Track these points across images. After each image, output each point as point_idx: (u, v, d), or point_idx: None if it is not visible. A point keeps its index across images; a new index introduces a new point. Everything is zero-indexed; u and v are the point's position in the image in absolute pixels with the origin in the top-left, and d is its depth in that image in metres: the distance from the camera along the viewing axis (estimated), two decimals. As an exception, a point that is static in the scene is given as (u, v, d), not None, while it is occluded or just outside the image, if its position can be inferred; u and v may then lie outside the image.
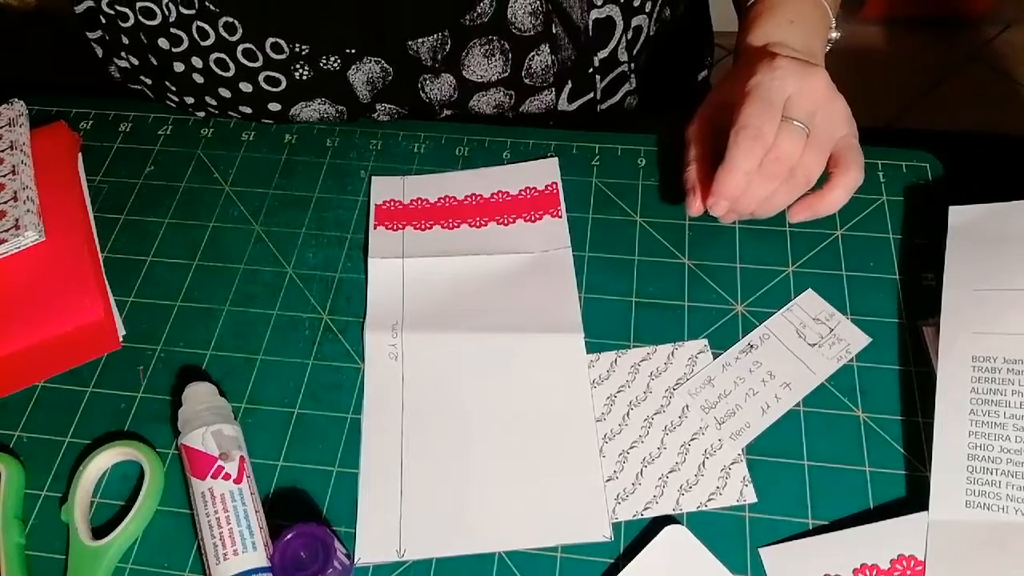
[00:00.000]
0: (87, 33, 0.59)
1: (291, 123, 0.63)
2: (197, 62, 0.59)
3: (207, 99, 0.61)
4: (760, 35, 0.54)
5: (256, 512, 0.45)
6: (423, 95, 0.62)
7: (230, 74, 0.59)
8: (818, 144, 0.49)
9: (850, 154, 0.50)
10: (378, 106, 0.62)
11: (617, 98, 0.67)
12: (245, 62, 0.58)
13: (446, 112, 0.64)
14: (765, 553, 0.44)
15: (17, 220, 0.56)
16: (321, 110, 0.62)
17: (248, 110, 0.62)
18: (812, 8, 0.55)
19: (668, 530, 0.44)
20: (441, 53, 0.58)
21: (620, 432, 0.48)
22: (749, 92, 0.49)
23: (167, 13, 0.56)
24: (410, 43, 0.58)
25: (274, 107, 0.61)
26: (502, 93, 0.62)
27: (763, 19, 0.55)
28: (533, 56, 0.59)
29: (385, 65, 0.59)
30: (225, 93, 0.61)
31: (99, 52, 0.61)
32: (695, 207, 0.52)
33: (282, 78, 0.59)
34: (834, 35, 0.57)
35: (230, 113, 0.63)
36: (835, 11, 0.57)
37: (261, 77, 0.59)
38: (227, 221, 0.59)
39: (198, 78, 0.59)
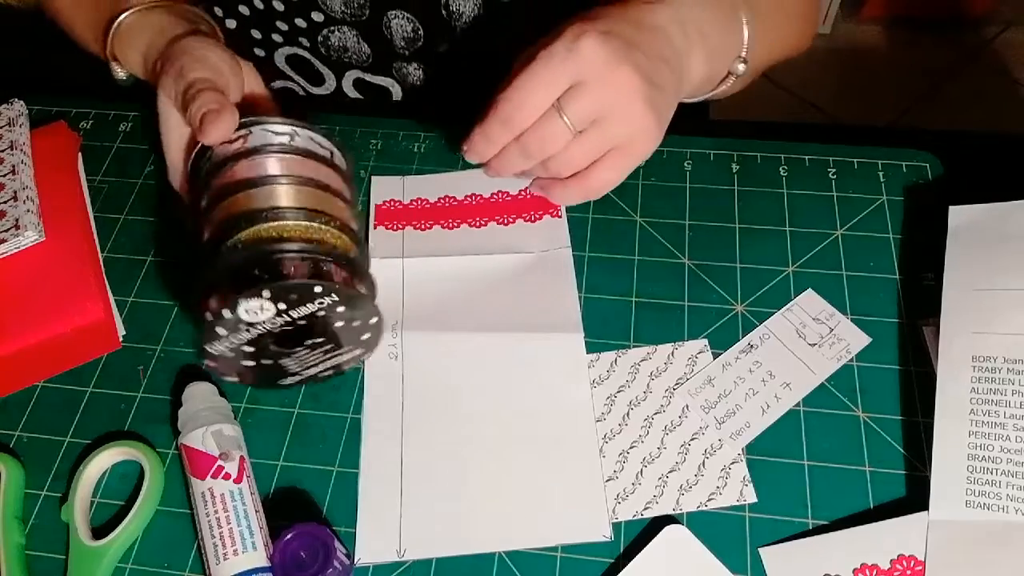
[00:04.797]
0: None
1: None
2: None
3: None
4: None
5: (256, 512, 0.45)
6: None
7: None
8: (589, 144, 0.45)
9: (610, 159, 0.46)
10: None
11: None
12: None
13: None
14: (765, 553, 0.44)
15: (17, 220, 0.56)
16: None
17: None
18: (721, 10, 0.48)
19: (668, 530, 0.44)
20: None
21: (620, 432, 0.48)
22: (538, 56, 0.43)
23: None
24: None
25: None
26: None
27: None
28: None
29: None
30: None
31: None
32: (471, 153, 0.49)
33: None
34: (740, 67, 0.50)
35: None
36: (753, 44, 0.49)
37: None
38: (227, 221, 0.59)
39: None
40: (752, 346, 0.51)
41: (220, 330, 0.40)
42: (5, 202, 0.57)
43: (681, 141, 0.60)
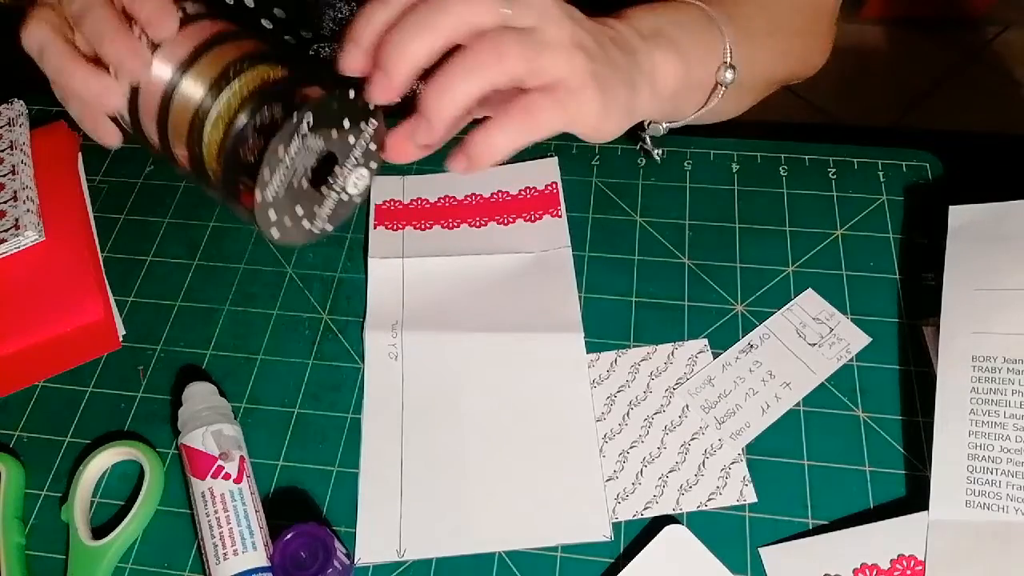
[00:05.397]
0: None
1: None
2: None
3: None
4: None
5: (256, 512, 0.45)
6: None
7: None
8: (519, 10, 0.34)
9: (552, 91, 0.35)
10: None
11: None
12: None
13: None
14: (765, 553, 0.44)
15: (17, 220, 0.56)
16: None
17: None
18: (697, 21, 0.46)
19: (668, 530, 0.44)
20: None
21: (620, 432, 0.48)
22: None
23: None
24: None
25: None
26: None
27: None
28: None
29: None
30: None
31: None
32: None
33: None
34: (728, 75, 0.47)
35: None
36: (736, 54, 0.47)
37: None
38: (227, 221, 0.59)
39: None
40: (752, 346, 0.51)
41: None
42: (5, 202, 0.57)
43: (681, 141, 0.60)
